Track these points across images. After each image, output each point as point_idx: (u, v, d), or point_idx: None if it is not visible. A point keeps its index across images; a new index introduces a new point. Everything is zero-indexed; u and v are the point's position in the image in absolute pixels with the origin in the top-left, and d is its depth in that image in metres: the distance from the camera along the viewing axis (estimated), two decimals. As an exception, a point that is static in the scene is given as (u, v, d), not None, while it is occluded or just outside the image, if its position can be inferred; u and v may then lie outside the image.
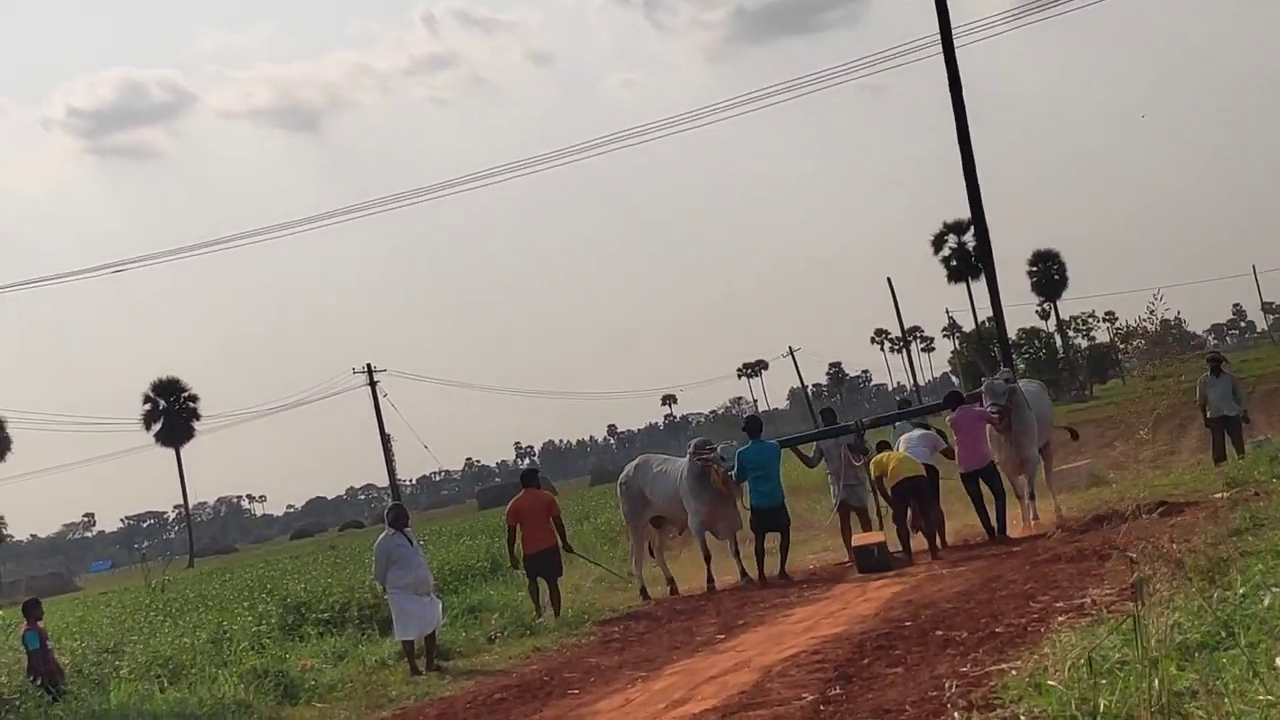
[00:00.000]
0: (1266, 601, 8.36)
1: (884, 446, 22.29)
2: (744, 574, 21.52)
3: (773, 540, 21.33)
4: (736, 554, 22.07)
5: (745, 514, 21.60)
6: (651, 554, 23.24)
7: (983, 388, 22.02)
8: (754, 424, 22.53)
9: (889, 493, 20.95)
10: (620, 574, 23.79)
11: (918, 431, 22.58)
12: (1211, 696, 6.70)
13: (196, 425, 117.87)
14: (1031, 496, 21.93)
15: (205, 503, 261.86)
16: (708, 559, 21.74)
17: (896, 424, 23.82)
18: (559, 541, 21.21)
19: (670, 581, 22.39)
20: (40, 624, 17.81)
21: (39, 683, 16.61)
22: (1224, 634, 8.21)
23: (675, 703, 12.00)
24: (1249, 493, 16.66)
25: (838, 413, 25.99)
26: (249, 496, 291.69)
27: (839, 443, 22.70)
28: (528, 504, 21.44)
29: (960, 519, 22.34)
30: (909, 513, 20.95)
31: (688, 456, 22.10)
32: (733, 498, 21.84)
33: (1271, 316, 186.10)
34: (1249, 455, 22.48)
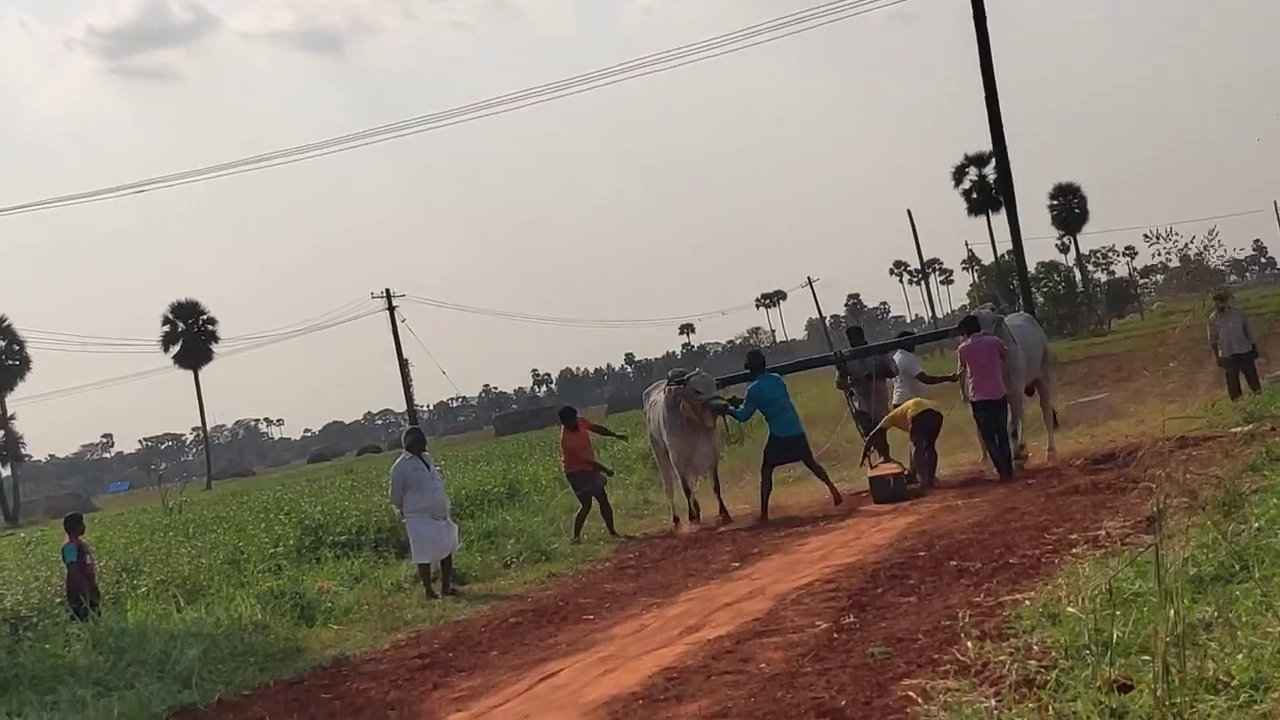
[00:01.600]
0: (1281, 535, 8.38)
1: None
2: (722, 509, 21.27)
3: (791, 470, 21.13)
4: (717, 489, 21.84)
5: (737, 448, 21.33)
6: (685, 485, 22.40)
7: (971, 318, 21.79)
8: (756, 358, 22.13)
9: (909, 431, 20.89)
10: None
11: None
12: (1225, 628, 6.72)
13: (215, 348, 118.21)
14: (1014, 434, 21.22)
15: (223, 425, 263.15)
16: (688, 492, 21.68)
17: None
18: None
19: (695, 509, 21.80)
20: (81, 539, 17.78)
21: (77, 601, 16.64)
22: (1238, 567, 8.23)
23: (690, 629, 12.05)
24: (1265, 428, 16.62)
25: (865, 331, 25.46)
26: (267, 420, 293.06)
27: (864, 365, 22.63)
28: (568, 436, 22.57)
29: (959, 455, 22.37)
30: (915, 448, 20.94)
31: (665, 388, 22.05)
32: (709, 429, 21.53)
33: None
34: (1265, 390, 22.43)
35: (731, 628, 11.60)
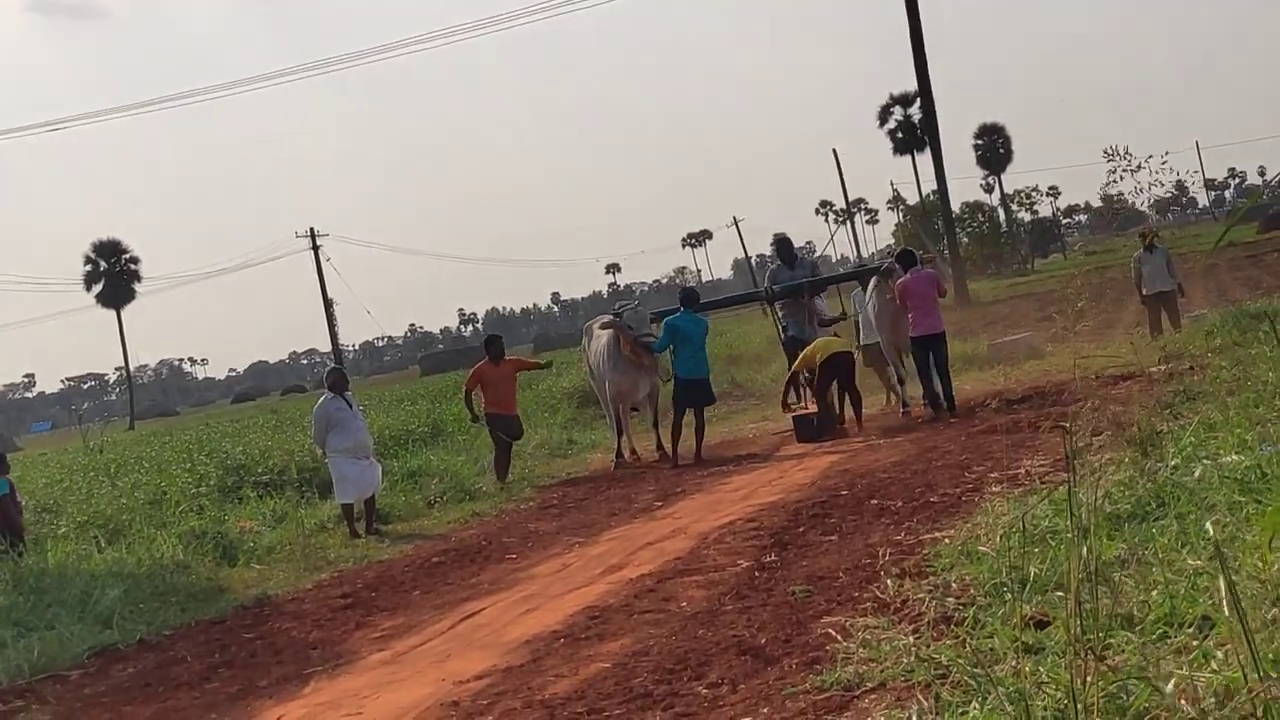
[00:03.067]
0: (1197, 473, 8.45)
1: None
2: (660, 446, 21.16)
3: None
4: (655, 425, 21.87)
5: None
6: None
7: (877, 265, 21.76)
8: (690, 295, 21.39)
9: (813, 372, 20.66)
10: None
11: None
12: (1140, 565, 6.78)
13: (138, 287, 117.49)
14: (902, 382, 21.52)
15: (146, 365, 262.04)
16: (619, 432, 21.45)
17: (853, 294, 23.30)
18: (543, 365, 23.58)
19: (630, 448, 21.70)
20: (7, 476, 17.46)
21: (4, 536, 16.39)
22: (1154, 505, 8.30)
23: (612, 568, 12.09)
24: (1184, 366, 16.79)
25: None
26: (190, 360, 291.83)
27: (793, 277, 22.32)
28: (490, 369, 21.35)
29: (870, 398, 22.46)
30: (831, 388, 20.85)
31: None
32: (649, 367, 21.13)
33: (1212, 193, 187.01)
34: (1184, 329, 22.64)
35: (653, 566, 11.64)
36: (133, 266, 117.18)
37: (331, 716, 8.68)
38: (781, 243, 23.42)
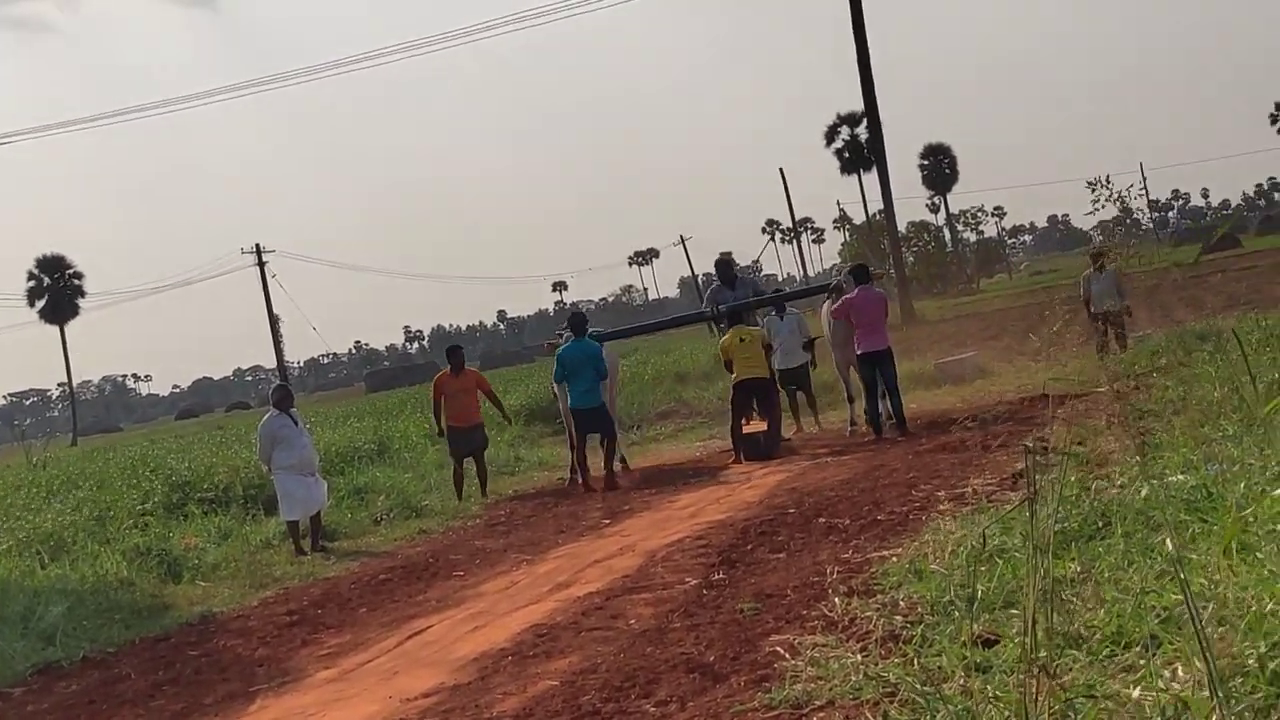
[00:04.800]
0: (1144, 492, 8.48)
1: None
2: (622, 461, 21.31)
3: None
4: (605, 448, 21.58)
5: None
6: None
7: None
8: (577, 321, 21.23)
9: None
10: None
11: (792, 316, 22.44)
12: (1089, 584, 6.81)
13: (82, 303, 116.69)
14: (851, 400, 21.60)
15: (90, 381, 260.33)
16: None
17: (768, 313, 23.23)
18: (501, 414, 22.54)
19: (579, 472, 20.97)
20: None
21: None
22: (1101, 524, 8.34)
23: (560, 585, 12.08)
24: (1130, 386, 16.87)
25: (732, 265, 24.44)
26: (134, 376, 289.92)
27: (734, 297, 22.23)
28: (450, 380, 21.40)
29: (837, 412, 22.50)
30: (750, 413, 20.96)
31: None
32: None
33: (1155, 214, 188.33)
34: (1131, 349, 22.77)
35: (601, 584, 11.63)
36: (76, 282, 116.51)
37: (277, 734, 8.63)
38: (721, 264, 23.45)
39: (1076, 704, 5.01)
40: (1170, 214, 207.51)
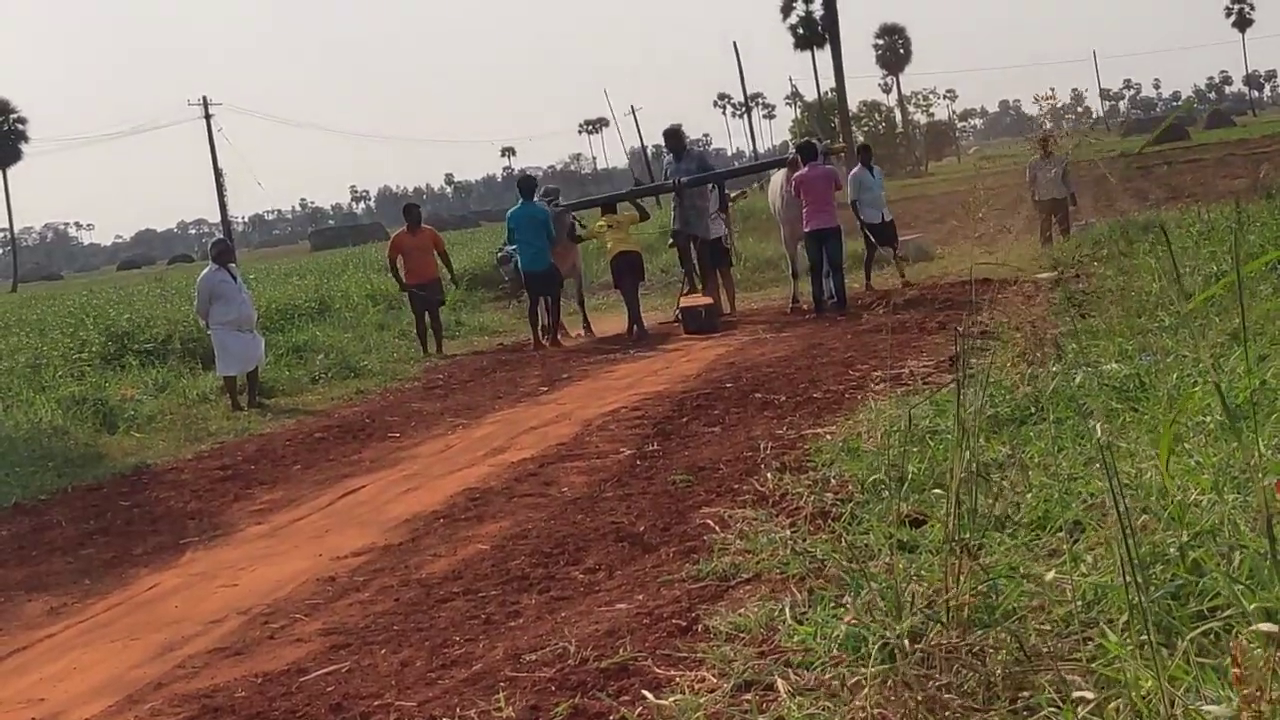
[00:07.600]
0: (1078, 379, 8.54)
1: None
2: (587, 325, 21.82)
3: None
4: (581, 303, 22.38)
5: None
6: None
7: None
8: (526, 183, 21.61)
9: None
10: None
11: (879, 171, 22.77)
12: (1017, 468, 6.86)
13: (25, 147, 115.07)
14: (796, 276, 21.55)
15: (31, 228, 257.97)
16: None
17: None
18: (448, 273, 22.65)
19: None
20: None
21: None
22: (1034, 409, 8.39)
23: (494, 450, 12.12)
24: (1071, 274, 16.96)
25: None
26: (77, 224, 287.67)
27: (678, 171, 22.05)
28: (407, 237, 21.81)
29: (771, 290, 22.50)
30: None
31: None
32: (569, 246, 21.52)
33: (1108, 103, 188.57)
34: (1074, 238, 22.82)
35: (536, 451, 11.68)
36: (20, 126, 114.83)
37: (207, 587, 8.64)
38: (669, 134, 23.16)
39: (998, 585, 5.06)
40: (1121, 103, 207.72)
